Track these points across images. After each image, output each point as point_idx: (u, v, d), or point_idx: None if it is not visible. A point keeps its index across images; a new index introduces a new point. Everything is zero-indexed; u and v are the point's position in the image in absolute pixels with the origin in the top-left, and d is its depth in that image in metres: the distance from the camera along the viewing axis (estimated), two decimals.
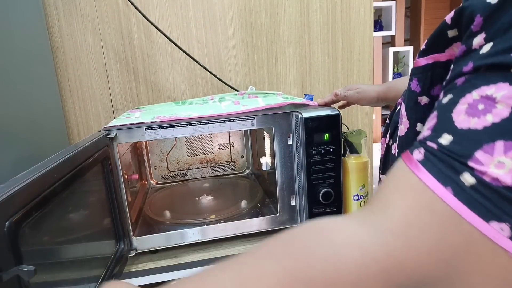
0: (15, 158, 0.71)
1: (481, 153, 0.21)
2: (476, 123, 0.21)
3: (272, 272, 0.23)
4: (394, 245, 0.21)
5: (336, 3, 1.12)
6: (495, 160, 0.21)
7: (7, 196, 0.37)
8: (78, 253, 0.55)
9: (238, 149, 1.14)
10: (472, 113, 0.22)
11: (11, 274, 0.36)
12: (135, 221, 0.84)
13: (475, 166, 0.21)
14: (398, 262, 0.21)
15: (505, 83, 0.21)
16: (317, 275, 0.22)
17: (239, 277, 0.25)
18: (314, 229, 0.25)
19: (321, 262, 0.22)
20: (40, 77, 0.88)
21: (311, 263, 0.22)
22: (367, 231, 0.22)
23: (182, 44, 1.04)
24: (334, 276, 0.21)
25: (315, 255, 0.22)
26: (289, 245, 0.24)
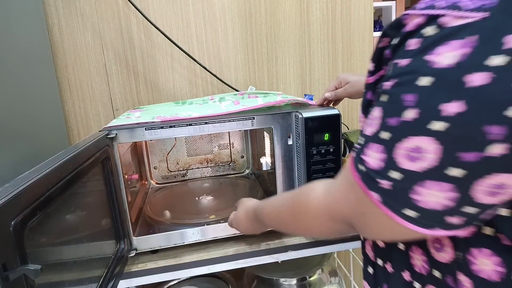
0: (15, 158, 0.71)
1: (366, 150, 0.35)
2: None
3: (286, 208, 0.51)
4: (332, 201, 0.41)
5: (336, 3, 1.12)
6: (370, 154, 0.34)
7: (13, 195, 0.37)
8: (79, 253, 0.55)
9: (238, 149, 1.14)
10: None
11: (17, 274, 0.36)
12: (135, 221, 0.85)
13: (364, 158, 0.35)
14: (333, 209, 0.40)
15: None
16: (302, 211, 0.46)
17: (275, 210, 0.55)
18: (307, 188, 0.46)
19: (304, 205, 0.46)
20: (40, 77, 0.88)
21: (301, 205, 0.46)
22: (323, 193, 0.43)
23: (182, 44, 1.04)
24: (308, 211, 0.45)
25: (302, 203, 0.46)
26: (295, 195, 0.49)
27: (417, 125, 0.29)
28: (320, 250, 0.78)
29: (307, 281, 0.97)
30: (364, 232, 0.40)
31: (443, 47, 0.28)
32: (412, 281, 0.41)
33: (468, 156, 0.28)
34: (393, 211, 0.33)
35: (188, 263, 0.73)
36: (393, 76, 0.32)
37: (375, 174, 0.33)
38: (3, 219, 0.35)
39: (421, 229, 0.32)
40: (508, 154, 0.26)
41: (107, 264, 0.63)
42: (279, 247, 0.76)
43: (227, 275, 1.05)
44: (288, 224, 0.51)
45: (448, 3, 0.29)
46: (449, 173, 0.29)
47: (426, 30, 0.30)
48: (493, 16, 0.26)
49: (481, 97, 0.26)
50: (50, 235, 0.47)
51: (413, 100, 0.29)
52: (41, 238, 0.44)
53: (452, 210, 0.30)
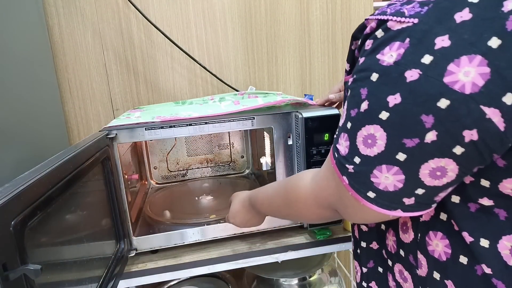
0: (15, 158, 0.71)
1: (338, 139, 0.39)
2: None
3: (279, 196, 0.54)
4: (317, 188, 0.45)
5: (336, 3, 1.12)
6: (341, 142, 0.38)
7: (13, 195, 0.37)
8: (79, 253, 0.55)
9: (238, 149, 1.14)
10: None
11: (18, 273, 0.36)
12: (135, 221, 0.85)
13: (337, 146, 0.39)
14: (319, 196, 0.44)
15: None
16: (293, 199, 0.49)
17: (269, 197, 0.57)
18: (296, 177, 0.50)
19: (294, 194, 0.49)
20: (40, 77, 0.88)
21: (292, 194, 0.50)
22: (310, 182, 0.46)
23: (182, 44, 1.04)
24: (298, 199, 0.48)
25: (293, 190, 0.50)
26: (286, 183, 0.52)
27: (369, 115, 0.34)
28: (320, 250, 0.78)
29: (307, 281, 0.97)
30: (346, 216, 0.43)
31: (387, 47, 0.33)
32: (387, 259, 0.47)
33: (410, 143, 0.32)
34: (358, 193, 0.37)
35: (188, 263, 0.73)
36: (354, 73, 0.37)
37: (344, 160, 0.37)
38: (3, 219, 0.35)
39: (383, 210, 0.36)
40: (436, 140, 0.31)
41: (107, 264, 0.63)
42: (279, 247, 0.76)
43: (227, 275, 1.05)
44: (280, 211, 0.55)
45: (395, 10, 0.34)
46: (396, 158, 0.33)
47: (377, 33, 0.35)
48: (421, 22, 0.31)
49: (414, 90, 0.30)
50: (50, 235, 0.47)
51: (366, 93, 0.34)
52: (41, 238, 0.44)
53: (403, 192, 0.34)
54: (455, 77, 0.28)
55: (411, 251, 0.41)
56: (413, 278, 0.42)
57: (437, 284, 0.38)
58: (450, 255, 0.37)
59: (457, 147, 0.30)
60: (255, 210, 0.62)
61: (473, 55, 0.28)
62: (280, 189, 0.54)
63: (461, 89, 0.28)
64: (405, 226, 0.42)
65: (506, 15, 0.27)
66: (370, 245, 0.50)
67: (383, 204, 0.36)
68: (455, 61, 0.28)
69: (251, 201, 0.62)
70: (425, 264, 0.39)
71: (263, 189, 0.60)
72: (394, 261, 0.45)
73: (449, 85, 0.29)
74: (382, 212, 0.36)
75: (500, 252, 0.34)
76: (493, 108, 0.28)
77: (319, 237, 0.78)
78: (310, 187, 0.46)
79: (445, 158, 0.31)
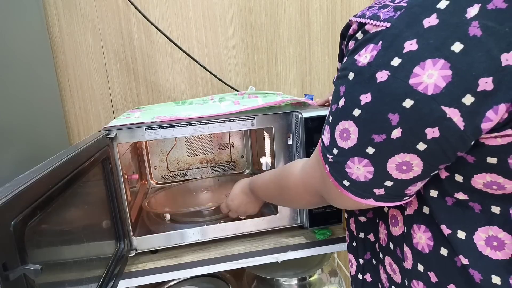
0: (15, 158, 0.71)
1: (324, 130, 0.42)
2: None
3: (273, 183, 0.58)
4: (305, 176, 0.48)
5: (336, 3, 1.12)
6: (325, 134, 0.41)
7: (13, 195, 0.37)
8: (79, 253, 0.55)
9: (238, 149, 1.14)
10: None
11: (18, 273, 0.36)
12: (135, 221, 0.85)
13: (323, 137, 0.42)
14: (307, 183, 0.47)
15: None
16: (284, 186, 0.53)
17: (265, 183, 0.61)
18: (289, 166, 0.53)
19: (285, 181, 0.52)
20: (40, 77, 0.88)
21: (284, 181, 0.53)
22: (300, 170, 0.49)
23: (182, 44, 1.04)
24: (289, 186, 0.51)
25: (285, 178, 0.53)
26: (280, 171, 0.56)
27: (345, 111, 0.37)
28: (320, 250, 0.78)
29: (307, 281, 0.97)
30: (330, 201, 0.45)
31: (364, 49, 0.35)
32: (379, 251, 0.49)
33: (378, 138, 0.34)
34: (336, 181, 0.40)
35: (188, 263, 0.73)
36: (339, 71, 0.39)
37: (326, 150, 0.41)
38: (3, 219, 0.35)
39: (357, 198, 0.39)
40: (401, 136, 0.33)
41: (107, 264, 0.63)
42: (279, 247, 0.76)
43: (227, 275, 1.05)
44: (275, 196, 0.60)
45: (372, 13, 0.35)
46: (366, 151, 0.36)
47: (357, 35, 0.37)
48: (393, 27, 0.32)
49: (383, 90, 0.33)
50: (50, 235, 0.47)
51: (343, 91, 0.37)
52: (41, 238, 0.44)
53: (373, 182, 0.37)
54: (419, 79, 0.30)
55: (399, 244, 0.44)
56: (400, 270, 0.44)
57: (421, 276, 0.40)
58: (432, 247, 0.39)
59: (420, 144, 0.33)
60: (254, 195, 0.67)
61: (437, 58, 0.30)
62: (275, 177, 0.58)
63: (424, 90, 0.30)
64: (395, 220, 0.44)
65: (469, 21, 0.29)
66: (368, 236, 0.52)
67: (357, 193, 0.39)
68: (420, 64, 0.30)
69: (251, 186, 0.67)
70: (410, 256, 0.41)
71: (262, 175, 0.63)
72: (384, 254, 0.47)
73: (413, 86, 0.31)
74: (356, 200, 0.39)
75: (476, 243, 0.36)
76: (453, 108, 0.30)
77: (319, 237, 0.78)
78: (299, 175, 0.49)
79: (410, 154, 0.34)
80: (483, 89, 0.29)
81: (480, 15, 0.28)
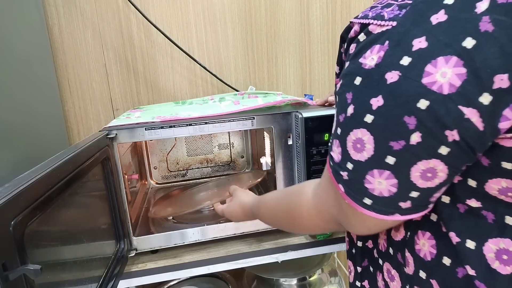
0: (15, 158, 0.71)
1: (333, 146, 0.38)
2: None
3: (281, 211, 0.52)
4: (318, 202, 0.44)
5: (336, 3, 1.12)
6: (334, 149, 0.38)
7: (13, 195, 0.37)
8: (79, 253, 0.55)
9: (238, 149, 1.14)
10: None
11: (17, 273, 0.36)
12: (135, 221, 0.85)
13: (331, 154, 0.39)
14: (322, 210, 0.43)
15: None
16: (296, 215, 0.48)
17: (271, 211, 0.56)
18: (297, 191, 0.50)
19: (297, 209, 0.48)
20: (39, 77, 0.88)
21: (295, 209, 0.48)
22: (312, 197, 0.45)
23: (182, 44, 1.04)
24: (301, 215, 0.47)
25: (295, 206, 0.48)
26: (288, 198, 0.51)
27: (355, 119, 0.34)
28: (320, 250, 0.78)
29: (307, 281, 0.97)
30: (348, 227, 0.42)
31: (369, 50, 0.33)
32: (377, 258, 0.47)
33: (396, 145, 0.32)
34: (355, 200, 0.36)
35: (188, 263, 0.73)
36: (341, 78, 0.37)
37: (338, 167, 0.37)
38: (3, 219, 0.35)
39: (381, 216, 0.36)
40: (421, 141, 0.30)
41: (107, 264, 0.63)
42: (279, 247, 0.76)
43: (227, 275, 1.05)
44: (284, 225, 0.55)
45: (375, 13, 0.34)
46: (386, 161, 0.33)
47: (360, 36, 0.35)
48: (399, 25, 0.31)
49: (395, 92, 0.31)
50: (50, 235, 0.47)
51: (351, 98, 0.35)
52: (41, 238, 0.44)
53: (398, 196, 0.34)
54: (433, 78, 0.29)
55: (400, 249, 0.42)
56: (400, 276, 0.42)
57: (423, 283, 0.39)
58: (434, 255, 0.37)
59: (442, 147, 0.30)
60: (254, 217, 0.62)
61: (449, 56, 0.28)
62: (282, 205, 0.52)
63: (439, 90, 0.29)
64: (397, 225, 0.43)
65: (479, 16, 0.28)
66: (366, 243, 0.50)
67: (381, 210, 0.35)
68: (432, 62, 0.29)
69: (253, 210, 0.62)
70: (412, 262, 0.40)
71: (265, 201, 0.58)
72: (383, 259, 0.46)
73: (427, 86, 0.29)
74: (380, 218, 0.36)
75: (485, 255, 0.34)
76: (471, 108, 0.28)
77: (319, 237, 0.78)
78: (312, 202, 0.45)
79: (433, 159, 0.31)
80: (498, 86, 0.27)
81: (490, 10, 0.27)
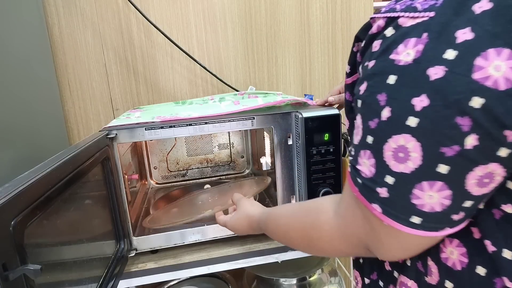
0: (15, 158, 0.71)
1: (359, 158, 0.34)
2: (355, 140, 0.32)
3: (296, 231, 0.46)
4: (342, 224, 0.38)
5: (336, 3, 1.12)
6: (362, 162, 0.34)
7: (12, 195, 0.37)
8: (79, 253, 0.55)
9: (238, 149, 1.14)
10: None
11: (17, 273, 0.36)
12: (135, 221, 0.84)
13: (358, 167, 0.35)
14: (346, 233, 0.38)
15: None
16: (315, 236, 0.42)
17: (283, 230, 0.49)
18: (315, 208, 0.44)
19: (316, 231, 0.42)
20: (39, 77, 0.88)
21: (313, 231, 0.42)
22: (333, 216, 0.40)
23: (182, 44, 1.04)
24: (321, 237, 0.41)
25: (313, 226, 0.42)
26: (304, 215, 0.45)
27: (395, 123, 0.30)
28: None
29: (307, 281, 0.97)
30: (380, 253, 0.36)
31: (401, 45, 0.30)
32: (391, 270, 0.42)
33: (449, 151, 0.28)
34: (398, 221, 0.32)
35: (188, 263, 0.73)
36: (364, 79, 0.33)
37: (371, 183, 0.32)
38: (3, 219, 0.35)
39: (430, 233, 0.31)
40: (478, 144, 0.27)
41: (107, 264, 0.63)
42: (279, 247, 0.76)
43: (227, 275, 1.05)
44: (298, 245, 0.48)
45: (405, 6, 0.31)
46: (437, 171, 0.29)
47: (386, 31, 0.32)
48: (438, 15, 0.28)
49: (442, 89, 0.27)
50: (50, 235, 0.47)
51: (385, 99, 0.30)
52: (41, 238, 0.44)
53: (452, 209, 0.30)
54: (485, 73, 0.26)
55: (420, 257, 0.38)
56: (420, 286, 0.38)
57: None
58: (466, 265, 0.33)
59: (501, 150, 0.27)
60: (262, 232, 0.56)
61: (500, 48, 0.25)
62: (296, 223, 0.46)
63: (494, 86, 0.26)
64: None
65: None
66: None
67: (430, 227, 0.31)
68: (482, 54, 0.26)
69: (261, 224, 0.55)
70: (436, 272, 0.36)
71: (275, 217, 0.52)
72: (399, 271, 0.42)
73: (480, 82, 0.26)
74: (429, 236, 0.31)
75: None
76: None
77: None
78: (335, 223, 0.39)
79: (491, 163, 0.28)
80: None
81: None
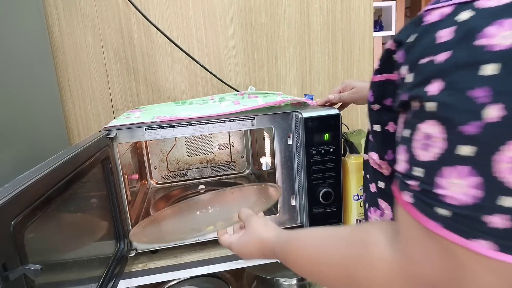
0: (15, 158, 0.71)
1: (439, 178, 0.27)
2: (429, 156, 0.27)
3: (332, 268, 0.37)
4: (406, 262, 0.30)
5: (336, 3, 1.12)
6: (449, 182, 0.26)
7: (13, 195, 0.37)
8: (79, 253, 0.55)
9: (238, 149, 1.14)
10: (424, 148, 0.28)
11: (17, 273, 0.36)
12: (135, 221, 0.84)
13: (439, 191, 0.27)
14: (413, 274, 0.29)
15: (432, 120, 0.27)
16: (362, 277, 0.33)
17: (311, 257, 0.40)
18: (359, 240, 0.35)
19: (366, 270, 0.33)
20: (39, 77, 0.88)
21: (361, 270, 0.33)
22: (390, 251, 0.31)
23: (182, 44, 1.04)
24: (374, 279, 0.32)
25: (359, 264, 0.33)
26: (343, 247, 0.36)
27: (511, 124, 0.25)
28: None
29: (307, 281, 0.97)
30: None
31: (492, 28, 0.25)
32: None
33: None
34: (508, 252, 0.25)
35: (188, 263, 0.73)
36: (434, 77, 0.27)
37: (474, 212, 0.25)
38: (3, 219, 0.35)
39: None
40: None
41: (107, 264, 0.63)
42: None
43: (227, 275, 1.05)
44: (335, 286, 0.39)
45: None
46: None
47: (459, 17, 0.27)
48: None
49: None
50: (50, 235, 0.47)
51: (487, 95, 0.25)
52: (41, 238, 0.44)
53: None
54: None
55: None
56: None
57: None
58: None
59: None
60: (279, 259, 0.46)
61: None
62: (334, 257, 0.37)
63: None
64: None
65: None
66: None
67: None
68: None
69: (277, 252, 0.46)
70: None
71: (298, 242, 0.43)
72: None
73: None
74: None
75: None
76: None
77: None
78: (392, 260, 0.31)
79: None
80: None
81: None
